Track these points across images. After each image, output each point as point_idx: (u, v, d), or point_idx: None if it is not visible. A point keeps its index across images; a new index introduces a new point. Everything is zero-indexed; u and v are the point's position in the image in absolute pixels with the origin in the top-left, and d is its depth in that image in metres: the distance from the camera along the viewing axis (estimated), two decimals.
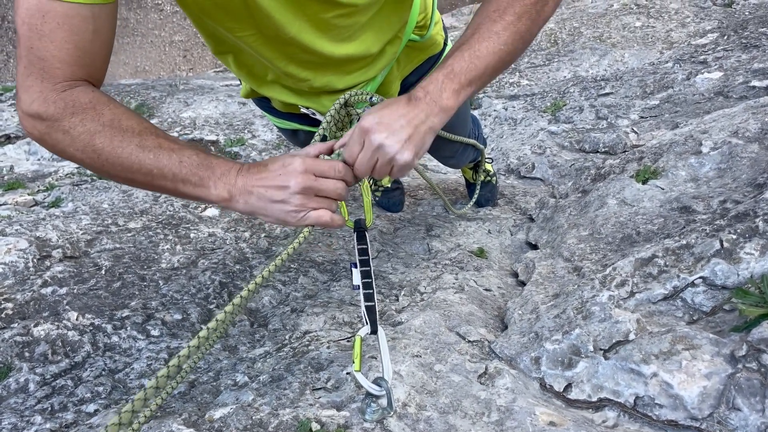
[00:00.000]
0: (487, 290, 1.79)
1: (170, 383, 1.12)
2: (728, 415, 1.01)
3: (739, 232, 1.30)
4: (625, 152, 2.59)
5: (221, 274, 1.88)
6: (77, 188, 2.69)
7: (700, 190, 1.67)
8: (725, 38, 4.08)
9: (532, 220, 2.33)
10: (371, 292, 1.21)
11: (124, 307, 1.67)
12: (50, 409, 1.29)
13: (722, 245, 1.29)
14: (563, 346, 1.27)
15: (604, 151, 2.96)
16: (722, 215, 1.44)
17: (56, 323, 1.54)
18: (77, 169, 3.19)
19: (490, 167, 2.63)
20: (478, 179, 2.51)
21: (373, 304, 1.19)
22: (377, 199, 2.55)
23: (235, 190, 1.04)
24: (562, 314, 1.37)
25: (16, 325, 1.53)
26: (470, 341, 1.43)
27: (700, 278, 1.27)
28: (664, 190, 1.76)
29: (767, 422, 0.96)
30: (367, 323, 1.17)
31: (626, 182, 1.88)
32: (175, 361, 0.84)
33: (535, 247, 2.04)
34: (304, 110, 1.54)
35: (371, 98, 1.21)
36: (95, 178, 2.94)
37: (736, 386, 1.02)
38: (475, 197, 2.43)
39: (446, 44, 1.71)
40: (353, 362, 1.11)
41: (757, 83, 2.92)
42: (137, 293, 1.76)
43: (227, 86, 5.03)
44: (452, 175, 3.26)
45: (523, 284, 1.80)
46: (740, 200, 1.50)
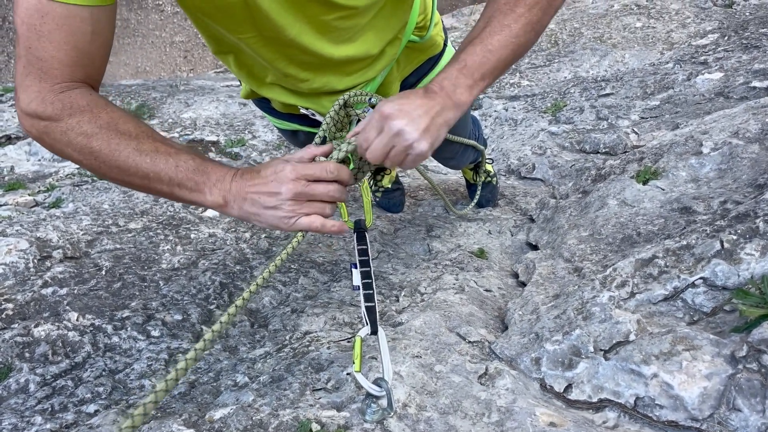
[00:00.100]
0: (487, 291, 1.79)
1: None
2: (729, 415, 1.01)
3: (739, 232, 1.30)
4: (625, 153, 2.59)
5: (221, 274, 1.88)
6: (78, 189, 2.70)
7: (700, 190, 1.67)
8: (726, 39, 4.08)
9: (532, 220, 2.33)
10: (371, 292, 1.21)
11: (124, 307, 1.67)
12: (50, 409, 1.29)
13: (723, 246, 1.29)
14: (563, 346, 1.27)
15: (604, 151, 2.96)
16: (723, 216, 1.44)
17: (57, 324, 1.54)
18: (78, 169, 3.19)
19: (490, 168, 2.63)
20: (478, 180, 2.51)
21: (373, 304, 1.19)
22: (377, 199, 2.55)
23: (229, 196, 1.04)
24: (562, 315, 1.37)
25: (16, 325, 1.53)
26: (470, 342, 1.43)
27: (700, 279, 1.27)
28: (664, 190, 1.76)
29: None
30: (367, 324, 1.17)
31: (627, 183, 1.88)
32: (182, 364, 0.85)
33: (535, 247, 2.04)
34: (303, 111, 1.54)
35: (370, 99, 1.21)
36: (96, 178, 2.94)
37: (736, 387, 1.01)
38: (476, 199, 2.42)
39: (446, 45, 1.71)
40: (353, 363, 1.11)
41: (757, 84, 2.92)
42: (137, 294, 1.76)
43: (228, 87, 5.03)
44: (453, 175, 3.26)
45: (523, 285, 1.80)
46: (741, 201, 1.50)
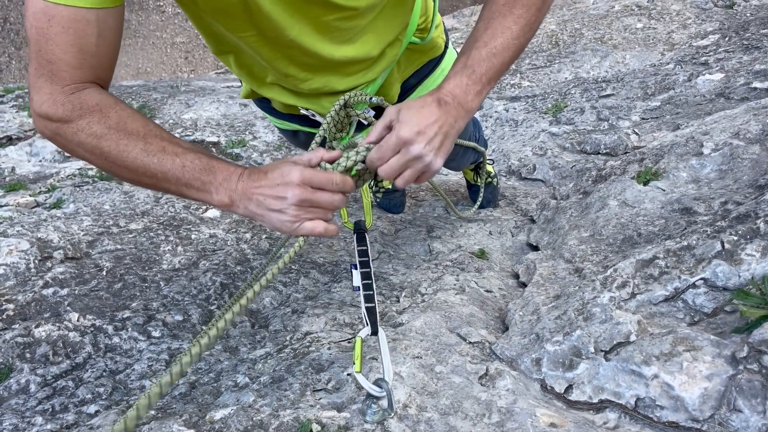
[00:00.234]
0: (488, 291, 1.79)
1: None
2: (729, 416, 1.00)
3: (740, 233, 1.30)
4: (626, 153, 2.58)
5: (222, 275, 1.88)
6: (78, 189, 2.70)
7: (701, 191, 1.67)
8: (726, 40, 4.08)
9: (533, 221, 2.33)
10: (372, 293, 1.21)
11: (125, 308, 1.67)
12: (51, 410, 1.29)
13: (723, 246, 1.29)
14: (564, 347, 1.27)
15: (605, 152, 2.96)
16: (723, 216, 1.44)
17: (57, 324, 1.54)
18: (78, 170, 3.19)
19: (491, 169, 2.63)
20: (479, 181, 2.50)
21: (373, 305, 1.19)
22: (378, 200, 2.55)
23: (235, 195, 1.05)
24: (563, 315, 1.37)
25: (17, 326, 1.54)
26: (471, 342, 1.43)
27: (701, 279, 1.27)
28: (665, 191, 1.76)
29: None
30: (367, 324, 1.18)
31: (627, 183, 1.88)
32: (177, 368, 0.85)
33: (536, 248, 2.04)
34: (303, 111, 1.54)
35: (371, 99, 1.22)
36: (96, 179, 2.94)
37: (737, 388, 1.01)
38: (479, 201, 2.41)
39: (447, 47, 1.71)
40: (354, 363, 1.11)
41: (758, 85, 2.92)
42: (138, 294, 1.76)
43: (228, 88, 5.04)
44: (453, 176, 3.26)
45: (524, 285, 1.80)
46: (741, 201, 1.50)
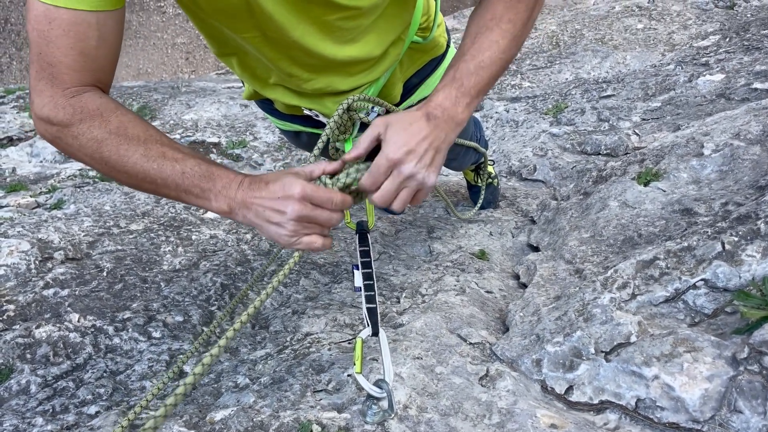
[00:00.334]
0: (488, 292, 1.79)
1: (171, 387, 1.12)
2: (730, 417, 1.00)
3: (740, 234, 1.30)
4: (626, 154, 2.59)
5: (223, 276, 1.88)
6: (79, 190, 2.70)
7: (701, 192, 1.67)
8: (727, 40, 4.08)
9: (533, 222, 2.33)
10: (373, 294, 1.21)
11: (125, 308, 1.67)
12: (51, 410, 1.29)
13: (724, 247, 1.29)
14: (564, 348, 1.27)
15: (605, 153, 2.96)
16: (724, 217, 1.44)
17: (58, 325, 1.54)
18: (79, 171, 3.20)
19: (491, 169, 2.62)
20: (480, 182, 2.50)
21: (374, 306, 1.19)
22: None
23: (234, 203, 1.05)
24: (563, 316, 1.37)
25: (17, 326, 1.54)
26: (471, 343, 1.43)
27: (701, 280, 1.27)
28: (665, 192, 1.76)
29: None
30: (368, 325, 1.17)
31: (628, 184, 1.88)
32: (191, 379, 0.86)
33: (536, 249, 2.04)
34: (307, 112, 1.54)
35: (372, 110, 1.22)
36: (97, 180, 2.94)
37: (737, 389, 1.01)
38: (480, 203, 2.40)
39: (449, 46, 1.71)
40: (354, 364, 1.11)
41: (759, 85, 2.92)
42: (139, 295, 1.76)
43: (229, 88, 5.04)
44: (454, 177, 3.26)
45: (524, 286, 1.80)
46: (742, 202, 1.50)
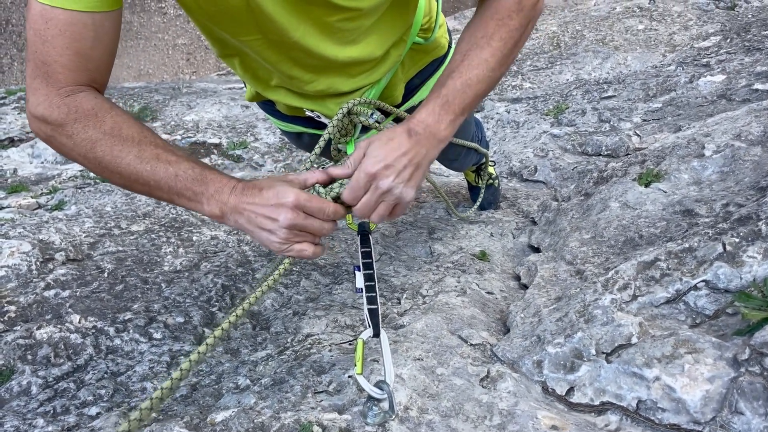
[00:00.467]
0: (489, 293, 1.79)
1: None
2: (731, 418, 1.00)
3: (741, 235, 1.30)
4: (627, 155, 2.58)
5: (224, 277, 1.88)
6: (80, 191, 2.70)
7: (702, 193, 1.67)
8: (728, 41, 4.08)
9: (534, 223, 2.33)
10: (374, 295, 1.21)
11: (126, 309, 1.67)
12: (52, 412, 1.29)
13: (725, 248, 1.29)
14: (565, 349, 1.27)
15: (606, 154, 2.96)
16: (725, 218, 1.44)
17: (59, 326, 1.54)
18: (80, 172, 3.20)
19: (492, 170, 2.62)
20: (481, 182, 2.50)
21: (375, 307, 1.19)
22: None
23: (226, 208, 1.05)
24: (564, 317, 1.37)
25: (18, 327, 1.54)
26: (472, 344, 1.43)
27: (702, 281, 1.27)
28: (666, 193, 1.76)
29: None
30: (369, 326, 1.17)
31: (629, 185, 1.88)
32: (177, 374, 0.87)
33: (537, 250, 2.04)
34: (309, 113, 1.55)
35: (371, 115, 1.22)
36: (98, 181, 2.95)
37: (738, 390, 1.01)
38: (479, 201, 2.42)
39: (450, 47, 1.71)
40: (355, 365, 1.11)
41: (760, 86, 2.92)
42: (140, 296, 1.76)
43: (230, 89, 5.05)
44: (454, 177, 3.26)
45: (525, 287, 1.80)
46: (743, 203, 1.50)
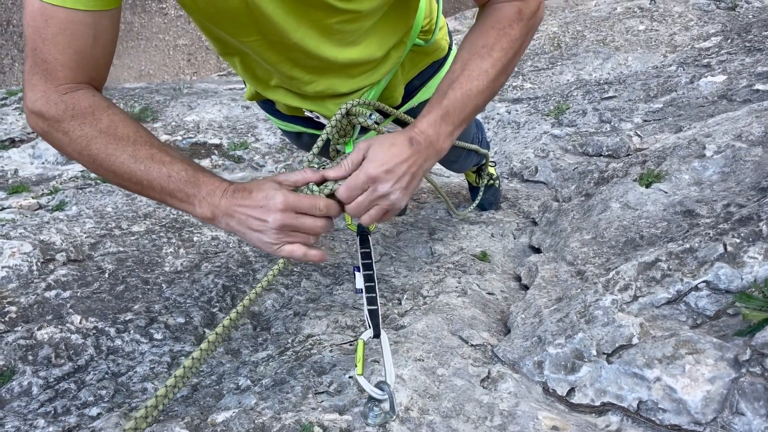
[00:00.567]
0: (489, 294, 1.79)
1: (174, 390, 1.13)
2: (732, 419, 1.00)
3: (742, 235, 1.29)
4: (628, 156, 2.58)
5: (224, 277, 1.88)
6: (81, 192, 2.70)
7: (703, 193, 1.67)
8: (729, 42, 4.08)
9: (535, 223, 2.33)
10: (374, 295, 1.21)
11: (127, 310, 1.67)
12: (53, 412, 1.29)
13: (726, 249, 1.29)
14: (566, 350, 1.27)
15: (607, 154, 2.96)
16: (726, 219, 1.44)
17: (60, 326, 1.54)
18: (81, 172, 3.20)
19: (493, 171, 2.62)
20: (481, 183, 2.51)
21: (375, 307, 1.19)
22: None
23: (217, 211, 1.06)
24: (565, 318, 1.37)
25: (19, 328, 1.54)
26: (473, 345, 1.43)
27: (703, 282, 1.27)
28: (667, 193, 1.75)
29: None
30: (369, 327, 1.17)
31: (629, 186, 1.88)
32: (180, 371, 0.87)
33: (538, 250, 2.04)
34: (308, 114, 1.55)
35: (370, 115, 1.22)
36: (99, 181, 2.95)
37: (739, 391, 1.01)
38: (478, 199, 2.43)
39: (451, 48, 1.71)
40: (356, 366, 1.11)
41: (761, 87, 2.91)
42: (140, 297, 1.76)
43: (231, 90, 5.05)
44: (455, 178, 3.26)
45: (526, 288, 1.80)
46: (744, 204, 1.50)
